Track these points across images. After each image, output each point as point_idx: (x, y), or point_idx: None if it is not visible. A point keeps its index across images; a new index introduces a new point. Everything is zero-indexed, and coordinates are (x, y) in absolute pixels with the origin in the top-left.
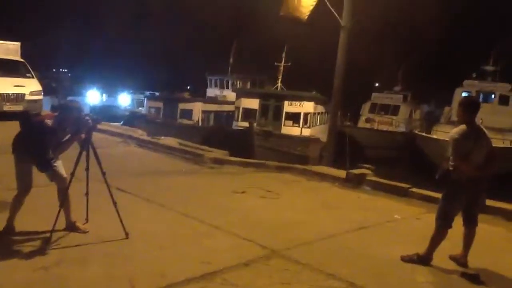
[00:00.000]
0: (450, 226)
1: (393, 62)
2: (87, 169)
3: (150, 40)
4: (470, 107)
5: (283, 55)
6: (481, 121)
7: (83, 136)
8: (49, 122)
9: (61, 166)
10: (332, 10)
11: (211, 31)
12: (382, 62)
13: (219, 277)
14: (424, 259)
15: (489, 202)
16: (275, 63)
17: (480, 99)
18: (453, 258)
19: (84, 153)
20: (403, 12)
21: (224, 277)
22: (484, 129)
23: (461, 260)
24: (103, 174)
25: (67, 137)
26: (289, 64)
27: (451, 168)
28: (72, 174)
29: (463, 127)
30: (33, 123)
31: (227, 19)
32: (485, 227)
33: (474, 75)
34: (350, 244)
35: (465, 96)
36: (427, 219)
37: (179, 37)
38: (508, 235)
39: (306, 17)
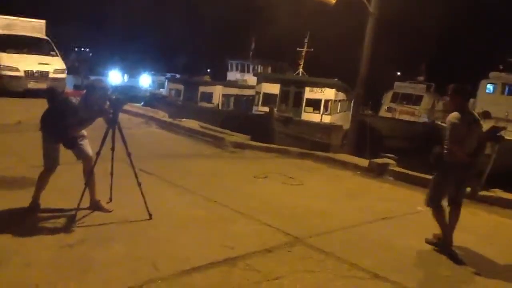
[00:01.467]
0: (440, 205)
1: (417, 52)
2: (112, 149)
3: (171, 24)
4: (463, 93)
5: (306, 40)
6: (507, 114)
7: (110, 115)
8: (74, 100)
9: (88, 144)
10: None
11: (232, 16)
12: (405, 52)
13: (242, 262)
14: (445, 244)
15: (502, 194)
16: (297, 49)
17: (506, 92)
18: (437, 238)
19: (110, 133)
20: (429, 2)
21: (247, 263)
22: (476, 116)
23: (443, 239)
24: (129, 155)
25: (92, 113)
26: (312, 50)
27: (445, 152)
28: (98, 154)
29: (457, 113)
30: (59, 100)
31: (249, 4)
32: (508, 222)
33: (501, 67)
34: (373, 235)
35: (454, 84)
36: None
37: (199, 21)
38: None
39: (334, 0)
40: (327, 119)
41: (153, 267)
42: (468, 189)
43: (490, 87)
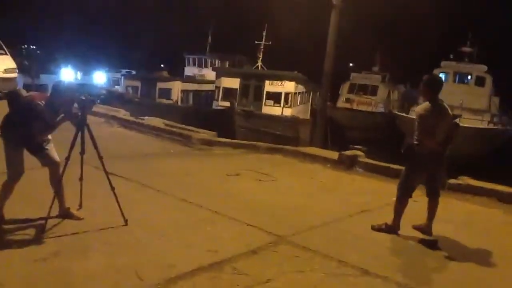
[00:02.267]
0: (410, 196)
1: (368, 42)
2: (82, 152)
3: (124, 18)
4: (434, 85)
5: (264, 33)
6: (461, 102)
7: (78, 118)
8: (40, 102)
9: (53, 149)
10: None
11: (188, 10)
12: (356, 42)
13: (228, 266)
14: (391, 228)
15: (482, 184)
16: (256, 42)
17: (457, 80)
18: (417, 227)
19: (79, 136)
20: None
21: (234, 266)
22: (447, 106)
23: (425, 229)
24: (101, 158)
25: (59, 118)
26: (270, 43)
27: (416, 143)
28: (67, 159)
29: (427, 104)
30: (22, 103)
31: None
32: (480, 209)
33: (451, 56)
34: (355, 229)
35: (428, 75)
36: (423, 201)
37: (154, 15)
38: (505, 218)
39: None
40: (287, 111)
41: (137, 277)
42: None
43: (442, 76)
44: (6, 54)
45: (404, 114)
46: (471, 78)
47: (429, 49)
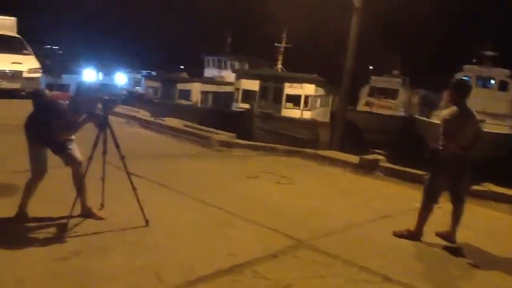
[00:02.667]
0: (436, 202)
1: (390, 45)
2: (104, 152)
3: (144, 20)
4: (462, 89)
5: (283, 36)
6: (484, 107)
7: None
8: (62, 102)
9: (76, 149)
10: None
11: (208, 11)
12: (377, 45)
13: (248, 270)
14: (414, 235)
15: (505, 191)
16: (275, 44)
17: (479, 85)
18: (440, 234)
19: (102, 136)
20: None
21: (254, 270)
22: (473, 111)
23: (448, 236)
24: (122, 158)
25: (82, 118)
26: (290, 45)
27: (440, 147)
28: (90, 159)
29: (454, 108)
30: (45, 103)
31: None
32: (504, 216)
33: (474, 60)
34: (376, 234)
35: (457, 79)
36: (447, 207)
37: (174, 16)
38: None
39: None
40: (307, 114)
41: (157, 279)
42: None
43: (463, 78)
44: (31, 54)
45: (424, 118)
46: (493, 82)
47: (451, 53)
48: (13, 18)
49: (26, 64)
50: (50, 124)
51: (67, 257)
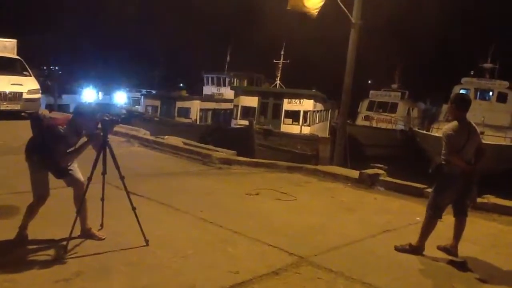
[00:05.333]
0: (440, 217)
1: (387, 59)
2: (103, 173)
3: (143, 39)
4: (463, 103)
5: (282, 52)
6: (483, 119)
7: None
8: (61, 127)
9: (77, 169)
10: (343, 6)
11: (207, 28)
12: (375, 59)
13: None
14: (416, 249)
15: (508, 203)
16: (274, 61)
17: (478, 97)
18: (442, 248)
19: (101, 156)
20: (399, 9)
21: None
22: (474, 125)
23: (451, 250)
24: (122, 178)
25: (82, 143)
26: (288, 61)
27: (443, 162)
28: (89, 179)
29: (455, 123)
30: (45, 128)
31: (223, 17)
32: (507, 229)
33: (472, 72)
34: (378, 250)
35: (457, 93)
36: (449, 220)
37: (173, 35)
38: None
39: (316, 13)
40: (306, 130)
41: None
42: None
43: (463, 92)
44: (30, 75)
45: (424, 132)
46: (492, 94)
47: (449, 66)
48: (13, 40)
49: (26, 85)
50: (50, 150)
51: (69, 279)
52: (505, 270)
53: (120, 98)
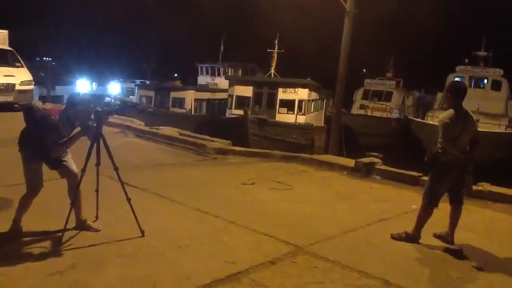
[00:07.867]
0: (436, 205)
1: (382, 48)
2: (97, 164)
3: (137, 29)
4: (459, 92)
5: (276, 42)
6: (478, 106)
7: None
8: (54, 117)
9: (71, 160)
10: None
11: (200, 19)
12: (369, 48)
13: (246, 278)
14: (412, 237)
15: (503, 190)
16: (268, 50)
17: (473, 85)
18: (438, 236)
19: (95, 147)
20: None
21: (252, 278)
22: (470, 113)
23: (446, 237)
24: (116, 169)
25: (76, 132)
26: (282, 51)
27: (439, 151)
28: (83, 170)
29: (451, 111)
30: (38, 119)
31: (217, 6)
32: (502, 216)
33: (466, 60)
34: (374, 238)
35: (452, 81)
36: (445, 208)
37: (167, 25)
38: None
39: None
40: (301, 119)
41: None
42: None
43: (458, 80)
44: (23, 66)
45: (419, 120)
46: (487, 82)
47: (443, 54)
48: (4, 31)
49: (19, 76)
50: (43, 140)
51: (63, 271)
52: (500, 258)
53: (114, 88)
